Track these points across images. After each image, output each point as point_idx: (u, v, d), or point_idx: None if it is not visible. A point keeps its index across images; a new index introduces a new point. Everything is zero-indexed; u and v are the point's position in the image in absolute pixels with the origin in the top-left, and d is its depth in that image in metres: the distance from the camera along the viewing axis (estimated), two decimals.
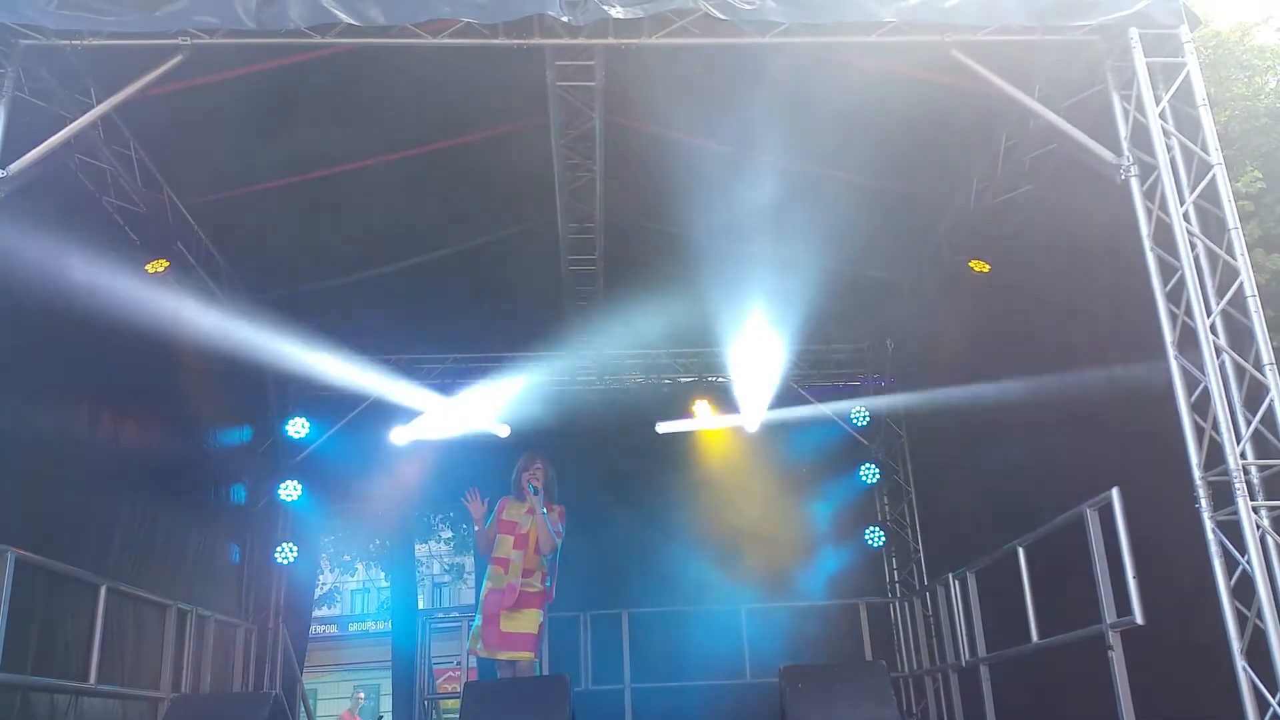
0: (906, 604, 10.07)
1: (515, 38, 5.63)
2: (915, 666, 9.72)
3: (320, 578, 15.52)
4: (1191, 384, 5.01)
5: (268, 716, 5.90)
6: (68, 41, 5.41)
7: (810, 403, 10.65)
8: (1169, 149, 5.29)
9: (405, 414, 10.52)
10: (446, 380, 10.63)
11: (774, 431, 10.55)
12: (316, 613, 16.06)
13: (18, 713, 5.79)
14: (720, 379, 10.87)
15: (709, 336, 10.55)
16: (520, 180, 7.83)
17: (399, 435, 10.48)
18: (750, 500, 10.35)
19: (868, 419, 10.68)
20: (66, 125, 5.66)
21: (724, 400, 10.72)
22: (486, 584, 6.97)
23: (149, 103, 5.98)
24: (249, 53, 5.89)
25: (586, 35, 5.67)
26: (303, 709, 10.75)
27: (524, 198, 8.18)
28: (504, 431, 10.40)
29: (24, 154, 5.36)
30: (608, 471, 10.44)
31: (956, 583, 8.05)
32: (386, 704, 17.66)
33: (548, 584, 6.98)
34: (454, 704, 9.08)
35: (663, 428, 10.67)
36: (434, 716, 11.00)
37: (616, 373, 10.92)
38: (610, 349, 10.47)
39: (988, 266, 7.73)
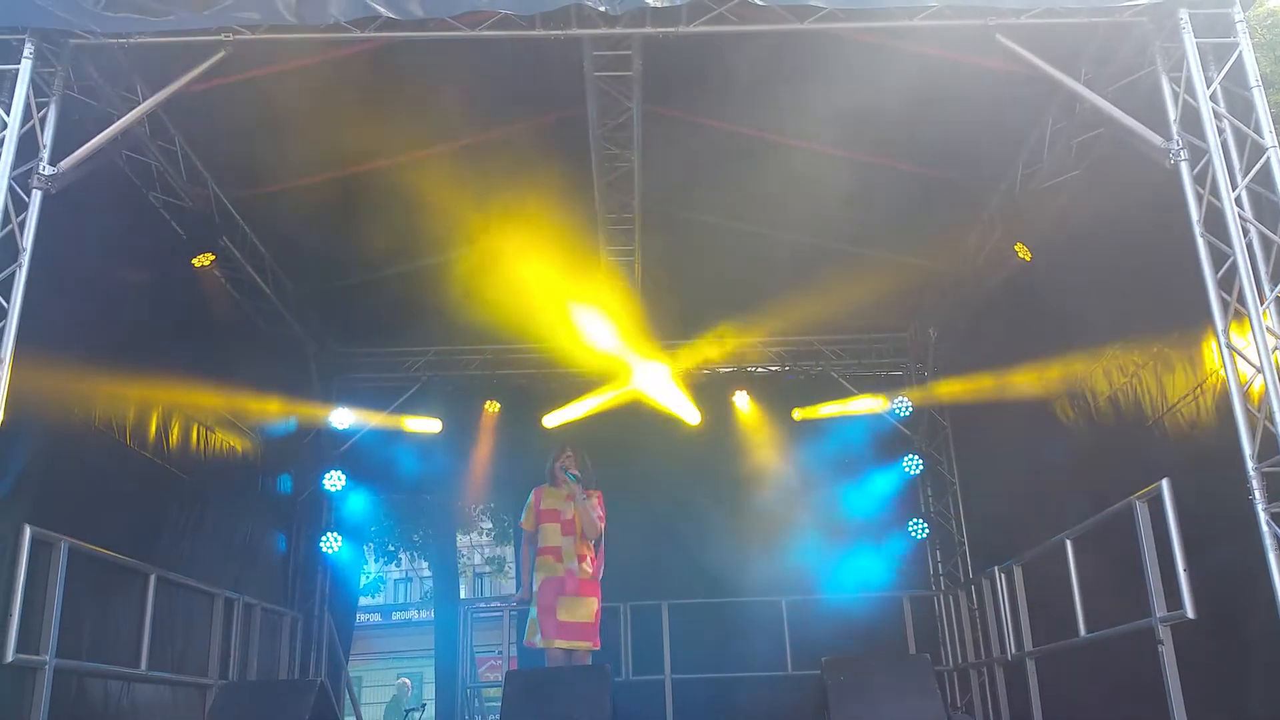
0: (951, 597, 9.96)
1: (552, 28, 5.63)
2: (960, 660, 9.63)
3: (364, 567, 15.69)
4: (1244, 374, 4.91)
5: (314, 704, 5.95)
6: (115, 40, 5.49)
7: (852, 393, 10.56)
8: (1220, 132, 5.16)
9: (446, 405, 10.60)
10: (487, 371, 10.68)
11: (815, 422, 10.49)
12: (361, 602, 16.24)
13: (73, 698, 5.92)
14: (760, 369, 10.83)
15: (748, 326, 10.54)
16: (559, 171, 7.83)
17: (440, 427, 10.55)
18: (791, 491, 10.28)
19: (910, 410, 10.58)
20: (114, 122, 5.75)
21: (764, 390, 10.68)
22: (539, 575, 6.88)
23: (193, 99, 6.06)
24: (290, 48, 5.94)
25: (624, 24, 5.65)
26: (348, 696, 10.88)
27: (564, 187, 8.18)
28: (544, 422, 10.43)
29: (73, 151, 5.46)
30: (647, 463, 10.42)
31: (1003, 576, 7.95)
32: (430, 692, 17.82)
33: (600, 569, 7.00)
34: (496, 692, 9.13)
35: (702, 418, 10.63)
36: (476, 704, 11.08)
37: (656, 364, 10.88)
38: (649, 339, 10.45)
39: (1030, 254, 7.62)
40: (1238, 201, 5.05)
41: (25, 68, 5.25)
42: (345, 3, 5.38)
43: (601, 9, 5.42)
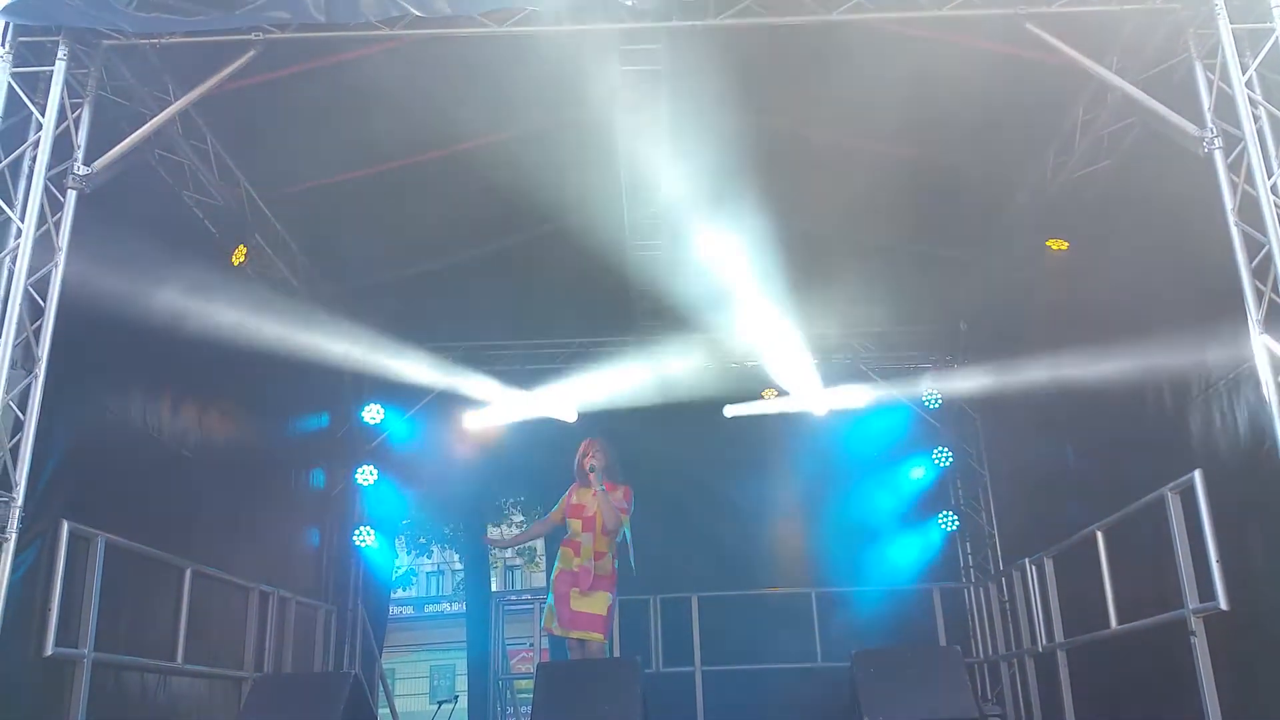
0: (981, 589, 9.93)
1: (580, 23, 5.64)
2: (990, 652, 9.59)
3: (396, 560, 15.83)
4: (1278, 363, 4.84)
5: (348, 695, 6.02)
6: (147, 40, 5.56)
7: (881, 385, 10.53)
8: (1255, 119, 5.10)
9: (476, 400, 10.66)
10: (515, 366, 10.73)
11: (844, 415, 10.47)
12: (393, 595, 16.38)
13: (111, 691, 6.01)
14: (789, 363, 10.80)
15: (777, 320, 10.51)
16: (587, 167, 7.84)
17: (470, 421, 10.61)
18: (820, 484, 10.28)
19: (939, 402, 10.54)
20: (146, 122, 5.82)
21: (793, 383, 10.66)
22: (558, 565, 7.13)
23: (225, 98, 6.13)
24: (320, 47, 5.99)
25: (651, 19, 5.65)
26: (381, 688, 10.98)
27: (591, 183, 8.19)
28: (572, 417, 10.47)
29: (107, 151, 5.53)
30: (677, 456, 10.44)
31: (1034, 568, 7.91)
32: (461, 684, 17.93)
33: (617, 565, 7.06)
34: (527, 684, 9.20)
35: (731, 411, 10.64)
36: (508, 695, 11.15)
37: (684, 358, 10.90)
38: (677, 334, 10.46)
39: (1065, 245, 7.55)
40: (1273, 189, 4.98)
41: (59, 69, 5.33)
42: (375, 1, 5.42)
43: (628, 3, 5.42)
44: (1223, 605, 5.18)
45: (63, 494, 5.46)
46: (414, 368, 10.37)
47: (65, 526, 5.40)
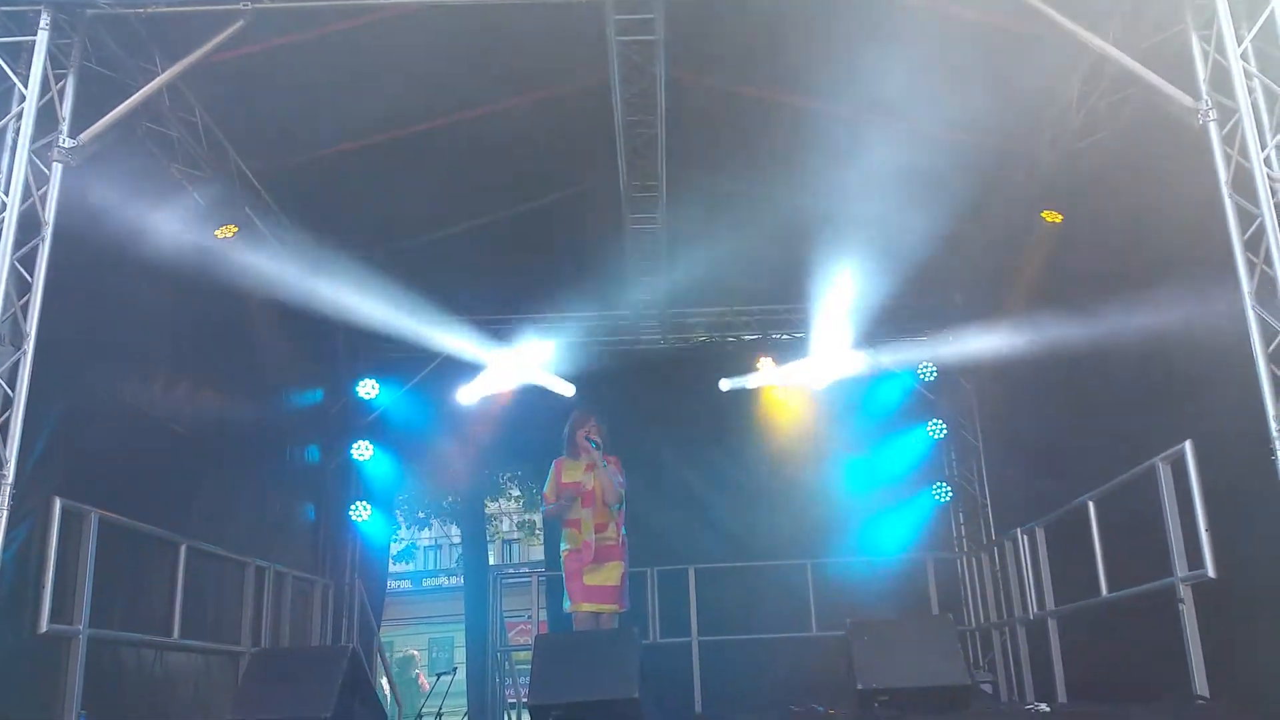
0: (974, 559, 10.00)
1: None
2: (982, 620, 9.67)
3: (395, 534, 15.86)
4: (1269, 335, 4.85)
5: (346, 669, 6.03)
6: (131, 10, 5.49)
7: (876, 358, 10.52)
8: (1250, 91, 5.06)
9: (472, 374, 10.64)
10: (512, 340, 10.70)
11: (839, 387, 10.47)
12: (391, 568, 16.44)
13: (108, 666, 6.04)
14: (785, 335, 10.81)
15: (773, 293, 10.50)
16: (583, 138, 7.80)
17: (466, 395, 10.61)
18: (816, 456, 10.30)
19: (935, 374, 10.54)
20: (133, 94, 5.75)
21: (789, 357, 10.65)
22: (564, 546, 7.16)
23: (213, 70, 6.06)
24: (309, 18, 5.93)
25: None
26: (380, 662, 11.04)
27: (587, 156, 8.15)
28: (569, 390, 10.46)
29: (94, 123, 5.48)
30: (673, 429, 10.49)
31: (1025, 537, 7.95)
32: (460, 656, 18.04)
33: (624, 532, 7.09)
34: (525, 656, 9.24)
35: (726, 384, 10.64)
36: (506, 668, 11.22)
37: (681, 330, 10.90)
38: (674, 307, 10.45)
39: (1060, 217, 7.53)
40: (1266, 162, 4.95)
41: (42, 39, 5.25)
42: None
43: None
44: (1211, 574, 5.22)
45: (55, 471, 5.46)
46: (408, 341, 10.36)
47: (58, 503, 5.41)
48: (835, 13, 6.20)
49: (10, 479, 4.83)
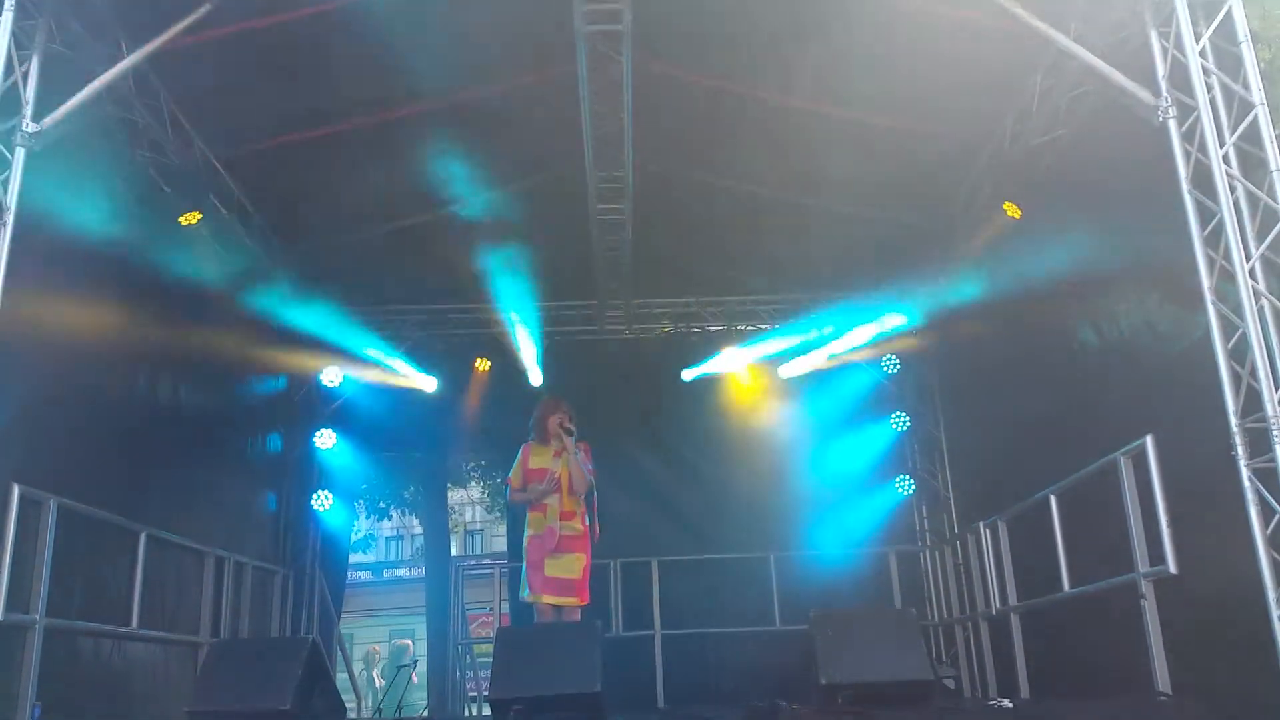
0: (936, 552, 10.07)
1: None
2: (945, 615, 9.75)
3: (355, 524, 15.74)
4: (1229, 330, 4.93)
5: (305, 660, 5.98)
6: None
7: (840, 350, 10.57)
8: (1209, 88, 5.14)
9: (436, 363, 10.59)
10: (476, 330, 10.65)
11: (803, 379, 10.53)
12: (352, 559, 16.30)
13: (64, 657, 5.94)
14: (750, 327, 10.83)
15: (738, 285, 10.53)
16: (550, 127, 7.77)
17: (429, 384, 10.56)
18: (779, 448, 10.32)
19: (898, 366, 10.62)
20: (98, 78, 5.66)
21: (753, 348, 10.68)
22: (528, 531, 7.02)
23: (179, 55, 5.98)
24: (276, 3, 5.86)
25: None
26: (340, 653, 10.96)
27: (554, 145, 8.13)
28: (536, 379, 10.44)
29: (58, 108, 5.38)
30: (637, 420, 10.49)
31: (987, 531, 8.03)
32: (421, 648, 17.97)
33: (589, 523, 7.04)
34: (487, 648, 9.22)
35: (689, 374, 10.66)
36: (467, 660, 11.18)
37: (645, 321, 10.91)
38: (639, 297, 10.46)
39: (1019, 212, 7.61)
40: (1225, 159, 5.03)
41: (5, 19, 5.16)
42: None
43: None
44: (1172, 569, 5.29)
45: (12, 457, 5.37)
46: (374, 330, 10.30)
47: (16, 490, 5.31)
48: (800, 6, 6.22)
49: None
